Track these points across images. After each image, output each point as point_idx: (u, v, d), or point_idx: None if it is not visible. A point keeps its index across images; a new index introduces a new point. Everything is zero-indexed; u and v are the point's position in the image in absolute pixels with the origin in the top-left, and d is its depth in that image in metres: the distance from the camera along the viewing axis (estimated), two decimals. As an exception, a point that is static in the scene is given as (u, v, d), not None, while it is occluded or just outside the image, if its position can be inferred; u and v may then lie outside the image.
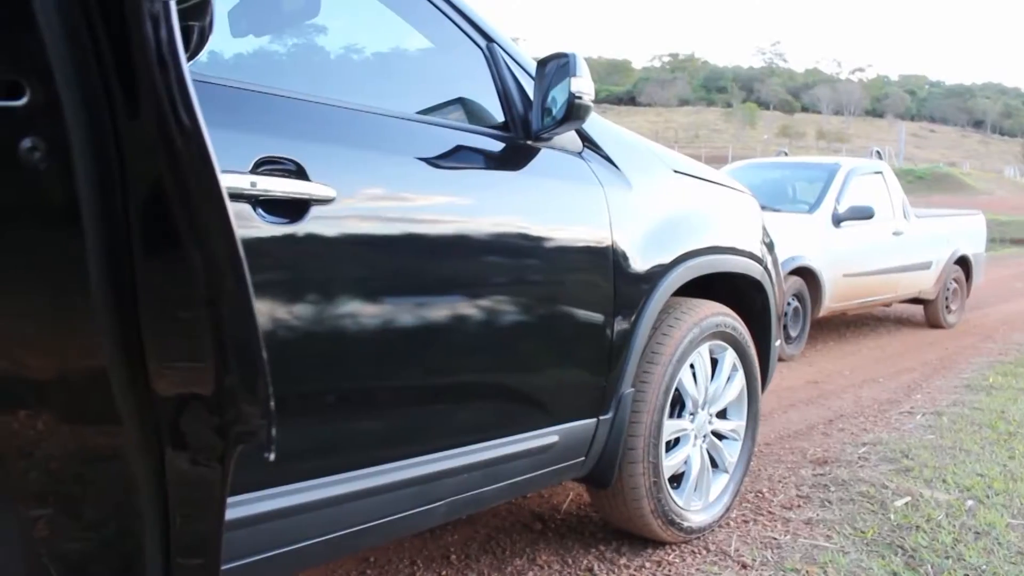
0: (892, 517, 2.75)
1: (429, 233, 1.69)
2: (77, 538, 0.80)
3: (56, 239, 0.69)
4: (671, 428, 2.40)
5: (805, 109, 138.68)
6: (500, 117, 1.99)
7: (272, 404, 0.70)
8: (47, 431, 0.71)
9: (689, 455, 2.51)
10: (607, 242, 2.09)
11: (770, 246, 2.96)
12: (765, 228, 2.95)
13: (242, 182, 1.34)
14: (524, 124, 1.98)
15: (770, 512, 2.83)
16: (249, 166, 1.37)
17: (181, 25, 0.67)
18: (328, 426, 1.54)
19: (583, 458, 2.17)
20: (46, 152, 0.65)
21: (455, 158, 1.82)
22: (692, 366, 2.45)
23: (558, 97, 1.91)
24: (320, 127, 1.55)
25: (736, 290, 2.78)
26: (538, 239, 1.92)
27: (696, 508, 2.56)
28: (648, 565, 2.40)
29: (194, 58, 0.83)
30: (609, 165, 2.20)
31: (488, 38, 2.00)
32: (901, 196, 7.21)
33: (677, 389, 2.39)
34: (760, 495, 3.00)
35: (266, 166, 1.39)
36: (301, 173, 1.44)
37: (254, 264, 0.76)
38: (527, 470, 2.00)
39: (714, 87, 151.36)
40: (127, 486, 0.75)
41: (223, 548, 0.86)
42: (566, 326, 2.02)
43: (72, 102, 0.65)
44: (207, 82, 1.37)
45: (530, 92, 2.00)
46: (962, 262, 7.89)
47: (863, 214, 6.34)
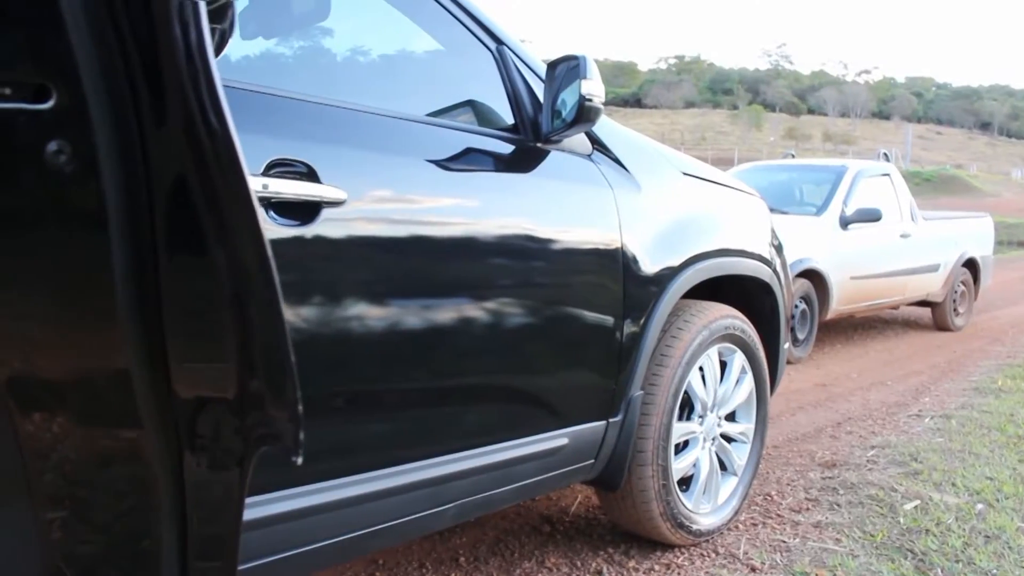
0: (901, 520, 2.75)
1: (439, 235, 1.69)
2: (93, 540, 0.80)
3: (81, 241, 0.69)
4: (680, 431, 2.40)
5: (811, 111, 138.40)
6: (510, 119, 1.99)
7: (300, 407, 0.70)
8: (65, 432, 0.71)
9: (698, 458, 2.51)
10: (617, 244, 2.09)
11: (779, 248, 2.96)
12: (774, 230, 2.95)
13: (254, 184, 1.34)
14: (534, 126, 1.98)
15: (779, 515, 2.82)
16: (261, 168, 1.37)
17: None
18: (340, 428, 1.54)
19: (592, 461, 2.17)
20: (72, 155, 0.64)
21: (465, 160, 1.82)
22: (701, 369, 2.45)
23: (568, 99, 1.91)
24: (331, 129, 1.55)
25: (745, 292, 2.78)
26: (548, 241, 1.92)
27: (705, 511, 2.55)
28: (657, 568, 2.39)
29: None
30: (618, 167, 2.20)
31: (498, 40, 2.00)
32: (909, 198, 7.19)
33: (686, 392, 2.39)
34: (769, 498, 3.00)
35: (278, 168, 1.40)
36: (312, 175, 1.44)
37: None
38: (537, 472, 2.00)
39: (720, 89, 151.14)
40: (145, 488, 0.75)
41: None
42: (576, 328, 2.02)
43: (99, 105, 0.65)
44: None
45: (540, 94, 2.00)
46: (970, 264, 7.86)
47: (871, 216, 6.32)
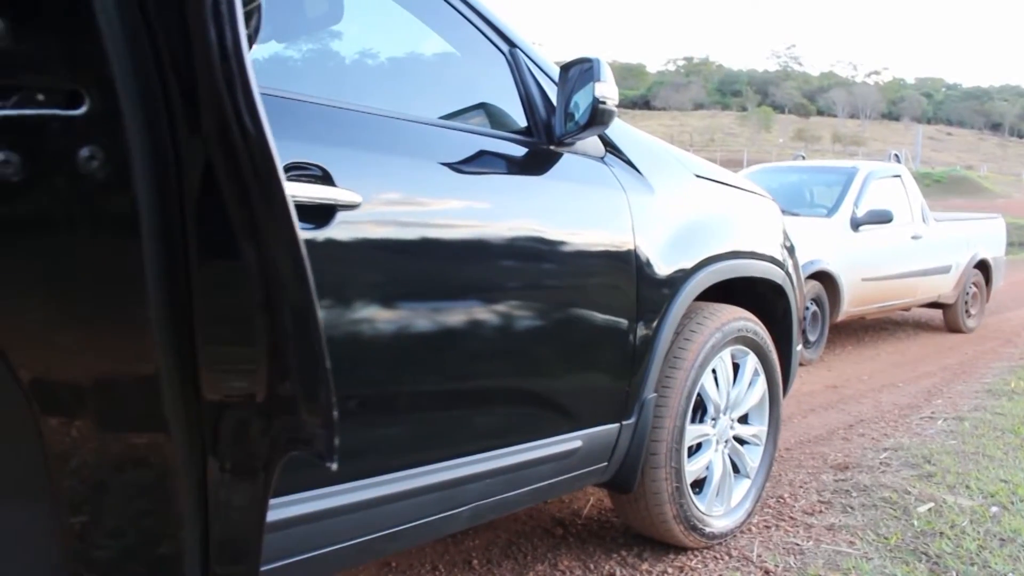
0: (915, 523, 2.73)
1: (454, 238, 1.69)
2: (113, 545, 0.80)
3: (113, 246, 0.69)
4: (693, 433, 2.39)
5: (820, 112, 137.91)
6: (523, 122, 1.99)
7: (336, 413, 0.69)
8: (90, 436, 0.71)
9: (711, 460, 2.50)
10: (630, 247, 2.09)
11: (791, 250, 2.95)
12: (786, 232, 2.94)
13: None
14: (547, 129, 1.98)
15: (792, 518, 2.82)
16: None
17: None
18: (356, 431, 1.54)
19: (606, 463, 2.16)
20: (104, 161, 0.64)
21: (478, 163, 1.82)
22: (714, 371, 2.44)
23: (581, 102, 1.91)
24: (345, 132, 1.56)
25: (757, 294, 2.78)
26: (562, 244, 1.92)
27: (718, 513, 2.55)
28: (670, 571, 2.39)
29: None
30: (631, 170, 2.20)
31: (511, 43, 2.00)
32: (920, 200, 7.16)
33: (699, 394, 2.39)
34: (781, 500, 2.99)
35: (293, 171, 1.40)
36: (327, 178, 1.44)
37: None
38: (550, 475, 2.00)
39: (729, 91, 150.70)
40: (168, 493, 0.74)
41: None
42: (590, 331, 2.02)
43: (131, 110, 0.65)
44: None
45: (553, 97, 2.00)
46: (982, 266, 7.83)
47: (882, 218, 6.30)
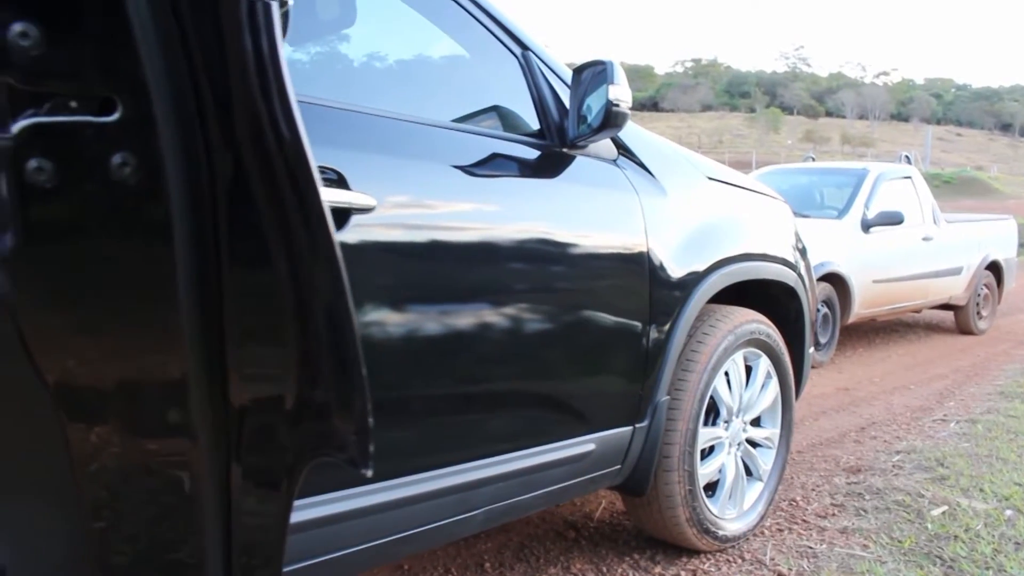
0: (929, 526, 2.72)
1: (467, 241, 1.69)
2: (136, 551, 0.80)
3: (145, 252, 0.69)
4: (706, 436, 2.39)
5: (829, 114, 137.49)
6: (535, 125, 1.99)
7: (371, 420, 0.69)
8: (115, 441, 0.71)
9: (724, 463, 2.49)
10: (643, 249, 2.09)
11: (803, 252, 2.94)
12: (798, 234, 2.94)
13: None
14: (559, 132, 1.98)
15: (804, 521, 2.81)
16: None
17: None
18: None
19: (619, 466, 2.16)
20: (136, 167, 0.64)
21: (492, 166, 1.82)
22: (727, 373, 2.44)
23: (594, 105, 1.90)
24: (359, 136, 1.56)
25: (770, 296, 2.77)
26: (575, 247, 1.92)
27: (731, 516, 2.54)
28: (683, 574, 2.38)
29: None
30: (644, 172, 2.20)
31: (523, 46, 2.00)
32: (931, 201, 7.13)
33: (712, 397, 2.38)
34: (794, 503, 2.98)
35: None
36: (342, 182, 1.44)
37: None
38: (564, 478, 1.99)
39: (737, 92, 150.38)
40: (191, 499, 0.74)
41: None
42: (603, 334, 2.01)
43: (164, 117, 0.65)
44: None
45: (565, 100, 2.00)
46: (993, 267, 7.80)
47: (892, 219, 6.28)
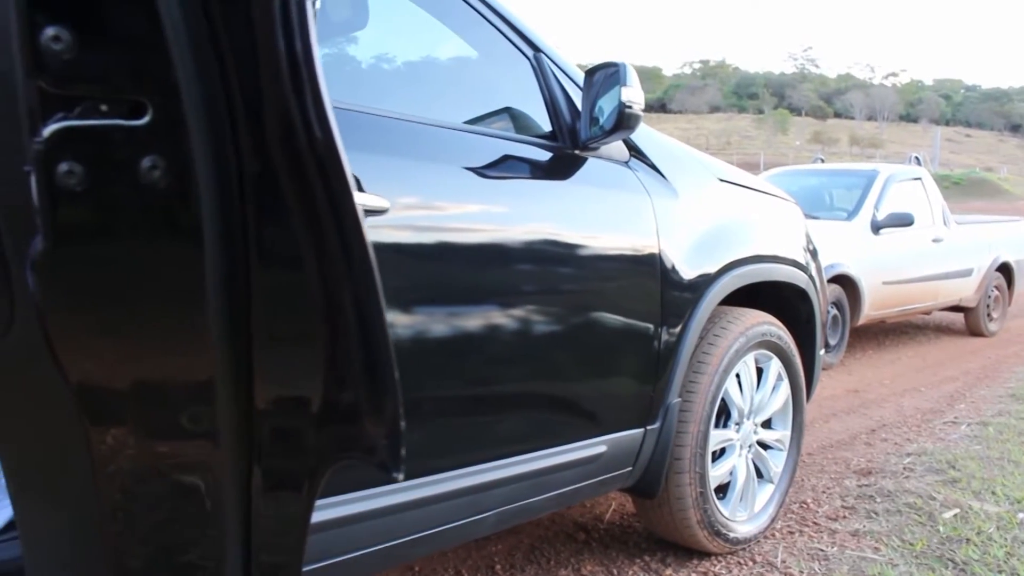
0: (941, 529, 2.71)
1: (479, 242, 1.69)
2: (155, 555, 0.80)
3: (174, 255, 0.68)
4: (717, 438, 2.38)
5: (838, 115, 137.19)
6: (547, 127, 1.99)
7: (403, 423, 0.69)
8: (138, 443, 0.71)
9: (735, 465, 2.49)
10: (654, 251, 2.08)
11: (814, 254, 2.93)
12: (809, 236, 2.93)
13: None
14: (572, 133, 1.98)
15: (815, 523, 2.80)
16: None
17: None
18: None
19: (630, 468, 2.16)
20: (166, 170, 0.63)
21: (503, 168, 1.82)
22: (738, 375, 2.44)
23: (606, 107, 1.90)
24: (372, 138, 1.56)
25: (781, 298, 2.76)
26: (587, 249, 1.92)
27: (742, 519, 2.54)
28: (694, 576, 2.38)
29: None
30: (655, 174, 2.19)
31: (535, 48, 2.00)
32: (941, 202, 7.10)
33: (723, 399, 2.38)
34: (805, 506, 2.97)
35: None
36: (355, 184, 1.44)
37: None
38: (576, 480, 1.99)
39: (745, 93, 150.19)
40: (211, 502, 0.74)
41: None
42: (615, 335, 2.01)
43: (194, 120, 0.64)
44: None
45: (577, 102, 2.00)
46: (1004, 269, 7.75)
47: (902, 221, 6.25)
